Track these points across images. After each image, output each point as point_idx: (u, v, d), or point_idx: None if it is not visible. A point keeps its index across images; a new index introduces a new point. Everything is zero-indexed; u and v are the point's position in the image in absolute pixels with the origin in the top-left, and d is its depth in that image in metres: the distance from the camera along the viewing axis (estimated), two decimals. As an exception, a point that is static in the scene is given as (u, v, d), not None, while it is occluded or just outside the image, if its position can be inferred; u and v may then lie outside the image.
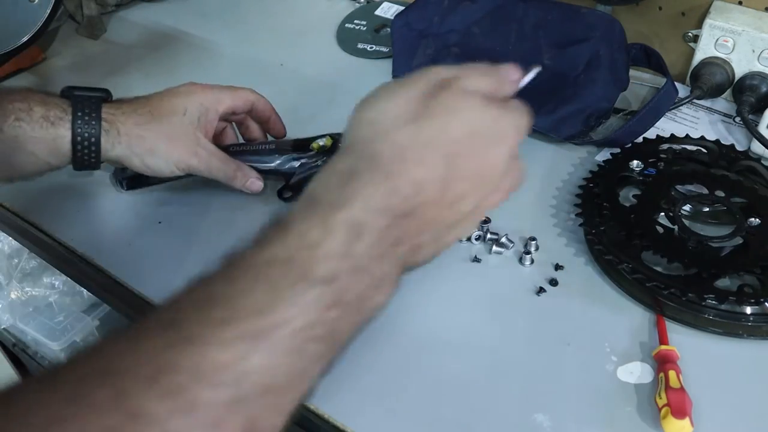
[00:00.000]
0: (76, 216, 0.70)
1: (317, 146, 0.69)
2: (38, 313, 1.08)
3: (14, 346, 1.21)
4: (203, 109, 0.64)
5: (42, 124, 0.60)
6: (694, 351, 0.54)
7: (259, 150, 0.70)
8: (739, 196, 0.63)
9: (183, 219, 0.69)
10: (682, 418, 0.47)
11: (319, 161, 0.69)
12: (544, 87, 0.75)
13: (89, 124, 0.60)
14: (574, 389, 0.52)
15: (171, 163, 0.63)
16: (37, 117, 0.60)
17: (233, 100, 0.67)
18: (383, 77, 0.86)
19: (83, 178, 0.74)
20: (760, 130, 0.71)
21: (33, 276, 1.06)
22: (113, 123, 0.61)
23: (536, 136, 0.76)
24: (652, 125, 0.73)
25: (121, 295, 0.63)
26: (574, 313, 0.58)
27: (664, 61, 0.75)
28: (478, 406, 0.51)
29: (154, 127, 0.62)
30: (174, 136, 0.63)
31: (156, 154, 0.62)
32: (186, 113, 0.63)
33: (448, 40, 0.83)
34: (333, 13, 1.00)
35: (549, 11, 0.78)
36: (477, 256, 0.63)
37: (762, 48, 0.74)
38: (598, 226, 0.61)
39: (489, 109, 0.39)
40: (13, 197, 0.72)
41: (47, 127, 0.60)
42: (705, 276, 0.56)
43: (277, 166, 0.69)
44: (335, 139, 0.69)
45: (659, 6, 0.82)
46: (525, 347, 0.55)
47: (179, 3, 1.06)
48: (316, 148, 0.69)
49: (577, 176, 0.70)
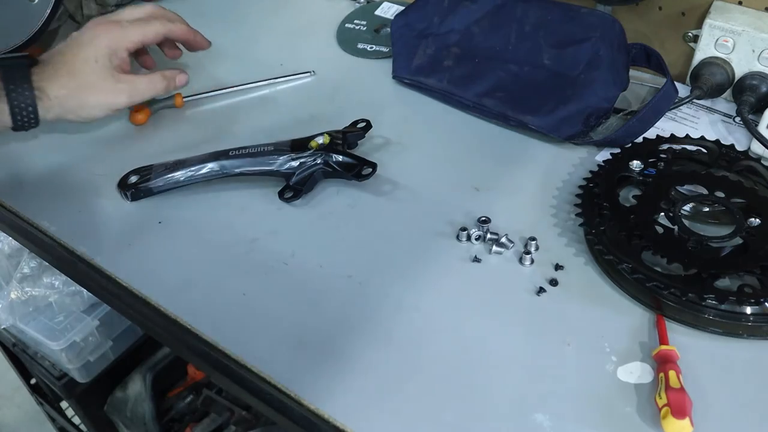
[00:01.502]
0: (76, 216, 0.70)
1: (315, 144, 0.69)
2: (38, 313, 1.08)
3: (14, 346, 1.21)
4: (111, 51, 0.70)
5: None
6: (694, 351, 0.54)
7: (257, 153, 0.70)
8: (739, 196, 0.63)
9: (183, 219, 0.69)
10: (682, 418, 0.47)
11: (318, 159, 0.69)
12: (544, 87, 0.76)
13: (23, 95, 0.65)
14: (574, 389, 0.52)
15: (104, 108, 0.70)
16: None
17: (142, 36, 0.72)
18: (383, 77, 0.87)
19: (84, 178, 0.74)
20: (760, 130, 0.71)
21: (33, 276, 1.06)
22: (43, 90, 0.67)
23: (536, 136, 0.76)
24: (652, 125, 0.74)
25: (121, 295, 0.63)
26: (574, 313, 0.58)
27: (664, 61, 0.75)
28: (478, 406, 0.51)
29: (77, 84, 0.68)
30: (95, 84, 0.69)
31: (87, 106, 0.69)
32: (97, 60, 0.69)
33: (448, 40, 0.83)
34: (333, 13, 1.00)
35: (549, 11, 0.78)
36: (477, 256, 0.63)
37: (762, 48, 0.74)
38: (598, 226, 0.61)
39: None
40: (13, 197, 0.72)
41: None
42: (705, 276, 0.56)
43: (276, 167, 0.69)
44: (332, 137, 0.70)
45: (659, 6, 0.82)
46: (525, 347, 0.55)
47: (179, 3, 1.06)
48: (314, 147, 0.69)
49: (577, 176, 0.70)
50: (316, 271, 0.62)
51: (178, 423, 1.27)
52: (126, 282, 0.63)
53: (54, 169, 0.76)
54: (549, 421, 0.50)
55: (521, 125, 0.76)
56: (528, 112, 0.75)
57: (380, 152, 0.75)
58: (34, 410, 1.53)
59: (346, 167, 0.68)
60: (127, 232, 0.68)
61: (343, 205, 0.69)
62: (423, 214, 0.67)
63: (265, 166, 0.69)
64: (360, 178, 0.67)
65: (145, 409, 1.20)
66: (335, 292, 0.60)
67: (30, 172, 0.76)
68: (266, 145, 0.71)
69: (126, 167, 0.72)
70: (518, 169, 0.56)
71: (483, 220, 0.65)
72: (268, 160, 0.69)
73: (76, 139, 0.79)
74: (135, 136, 0.80)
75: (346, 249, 0.64)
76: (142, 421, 1.21)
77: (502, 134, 0.78)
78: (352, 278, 0.61)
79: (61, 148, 0.78)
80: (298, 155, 0.69)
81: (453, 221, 0.66)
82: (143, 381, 1.20)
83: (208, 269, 0.63)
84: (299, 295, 0.60)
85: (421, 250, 0.64)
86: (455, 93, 0.80)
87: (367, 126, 0.74)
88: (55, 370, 1.16)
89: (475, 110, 0.79)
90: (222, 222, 0.68)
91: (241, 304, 0.60)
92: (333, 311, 0.59)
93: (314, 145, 0.69)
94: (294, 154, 0.69)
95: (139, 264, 0.64)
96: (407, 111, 0.81)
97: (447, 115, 0.81)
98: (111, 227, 0.69)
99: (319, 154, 0.69)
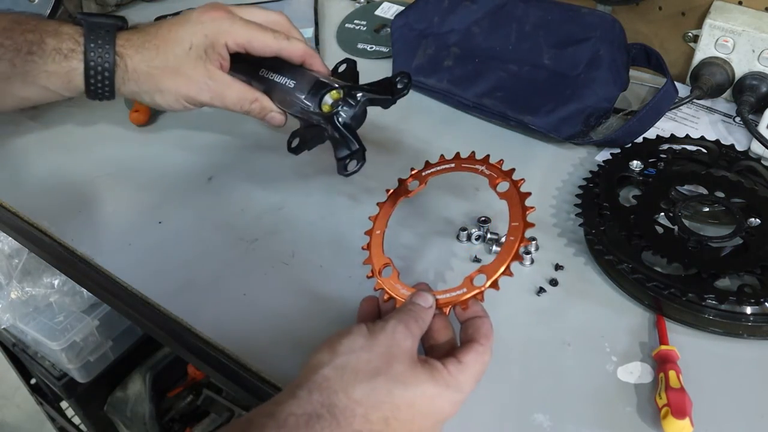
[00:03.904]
0: (76, 216, 0.70)
1: (327, 108, 0.62)
2: (38, 313, 1.08)
3: (14, 346, 1.21)
4: (209, 42, 0.60)
5: (54, 57, 0.58)
6: (694, 351, 0.54)
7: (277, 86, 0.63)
8: (739, 196, 0.63)
9: (183, 219, 0.69)
10: (682, 418, 0.47)
11: (322, 122, 0.63)
12: (544, 87, 0.76)
13: (102, 56, 0.58)
14: (574, 389, 0.52)
15: (180, 99, 0.61)
16: (50, 50, 0.57)
17: (247, 40, 0.61)
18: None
19: (84, 178, 0.74)
20: (760, 130, 0.71)
21: (33, 276, 1.06)
22: (123, 57, 0.59)
23: (536, 136, 0.76)
24: (652, 125, 0.73)
25: (121, 295, 0.63)
26: (574, 313, 0.58)
27: (664, 61, 0.75)
28: (478, 406, 0.51)
29: (161, 63, 0.59)
30: (181, 71, 0.60)
31: (164, 92, 0.60)
32: (192, 47, 0.60)
33: (448, 40, 0.83)
34: (333, 13, 1.00)
35: (549, 11, 0.78)
36: (477, 256, 0.63)
37: (762, 48, 0.74)
38: (598, 226, 0.61)
39: (431, 385, 0.45)
40: (13, 197, 0.72)
41: (60, 61, 0.58)
42: (705, 276, 0.56)
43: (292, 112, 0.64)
44: (345, 92, 0.62)
45: (659, 6, 0.82)
46: (525, 347, 0.55)
47: (178, 2, 1.06)
48: (325, 110, 0.62)
49: (577, 176, 0.70)
50: (316, 271, 0.62)
51: (178, 423, 1.27)
52: (126, 282, 0.63)
53: (54, 169, 0.76)
54: (549, 421, 0.50)
55: (521, 125, 0.76)
56: (528, 112, 0.75)
57: (380, 152, 0.75)
58: (34, 410, 1.53)
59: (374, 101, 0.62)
60: (127, 232, 0.68)
61: (343, 205, 0.69)
62: (423, 213, 0.67)
63: None
64: (397, 93, 0.61)
65: (145, 409, 1.20)
66: (335, 292, 0.60)
67: (30, 172, 0.76)
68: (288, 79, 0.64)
69: (126, 167, 0.72)
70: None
71: (483, 220, 0.65)
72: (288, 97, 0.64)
73: (76, 138, 0.79)
74: (135, 136, 0.80)
75: (346, 249, 0.64)
76: (142, 421, 1.21)
77: (502, 134, 0.78)
78: (352, 278, 0.61)
79: (61, 148, 0.78)
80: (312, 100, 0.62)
81: (453, 221, 0.66)
82: (143, 381, 1.20)
83: (208, 269, 0.63)
84: (299, 295, 0.60)
85: (421, 250, 0.64)
86: (455, 93, 0.80)
87: None
88: (55, 370, 1.16)
89: (475, 110, 0.79)
90: (222, 222, 0.68)
91: (241, 304, 0.60)
92: (333, 311, 0.59)
93: (326, 109, 0.62)
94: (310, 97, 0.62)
95: (139, 264, 0.64)
96: (407, 111, 0.81)
97: (447, 115, 0.81)
98: (111, 227, 0.69)
99: (327, 118, 0.62)
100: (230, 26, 0.61)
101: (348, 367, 0.45)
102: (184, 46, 0.59)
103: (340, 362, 0.45)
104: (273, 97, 0.64)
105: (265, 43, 0.62)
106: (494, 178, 0.56)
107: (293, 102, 0.63)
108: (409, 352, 0.46)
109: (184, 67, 0.60)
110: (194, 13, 0.61)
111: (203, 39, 0.60)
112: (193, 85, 0.60)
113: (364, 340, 0.46)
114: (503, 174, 0.56)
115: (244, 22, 0.61)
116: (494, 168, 0.57)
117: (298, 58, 0.64)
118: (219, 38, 0.60)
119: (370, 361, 0.45)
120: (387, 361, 0.45)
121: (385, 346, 0.46)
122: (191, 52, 0.59)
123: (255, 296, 0.61)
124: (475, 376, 0.47)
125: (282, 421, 0.42)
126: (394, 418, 0.44)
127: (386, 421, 0.44)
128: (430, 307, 0.50)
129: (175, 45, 0.59)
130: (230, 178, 0.73)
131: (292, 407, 0.43)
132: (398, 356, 0.45)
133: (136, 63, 0.59)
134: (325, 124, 0.62)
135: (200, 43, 0.60)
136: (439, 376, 0.46)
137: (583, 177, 0.68)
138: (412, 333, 0.47)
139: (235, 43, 0.61)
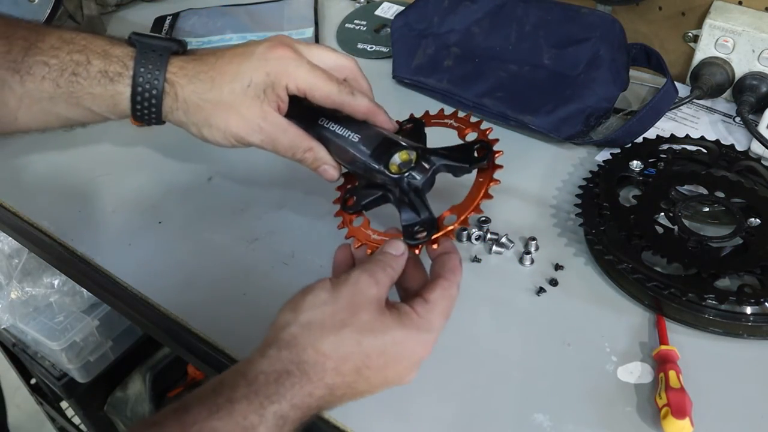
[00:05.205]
0: (76, 216, 0.70)
1: (395, 168, 0.55)
2: (38, 313, 1.08)
3: (14, 346, 1.21)
4: (269, 82, 0.55)
5: (100, 80, 0.55)
6: (694, 351, 0.54)
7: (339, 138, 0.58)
8: (739, 196, 0.63)
9: (183, 219, 0.69)
10: (682, 418, 0.47)
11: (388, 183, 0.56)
12: (544, 87, 0.76)
13: (151, 82, 0.55)
14: (574, 389, 0.52)
15: (229, 137, 0.57)
16: (95, 72, 0.55)
17: (309, 87, 0.56)
18: (383, 77, 0.86)
19: (84, 178, 0.74)
20: (760, 130, 0.71)
21: (33, 276, 1.06)
22: (174, 85, 0.56)
23: (536, 136, 0.76)
24: (652, 125, 0.73)
25: (121, 295, 0.63)
26: (574, 313, 0.58)
27: (664, 61, 0.75)
28: (478, 406, 0.51)
29: (214, 97, 0.55)
30: (234, 108, 0.55)
31: (213, 127, 0.56)
32: (250, 84, 0.55)
33: (448, 40, 0.83)
34: (333, 13, 1.00)
35: (549, 11, 0.78)
36: (477, 256, 0.63)
37: (762, 48, 0.74)
38: (598, 226, 0.61)
39: (399, 330, 0.45)
40: (13, 197, 0.72)
41: (105, 84, 0.55)
42: (705, 276, 0.56)
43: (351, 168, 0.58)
44: (419, 154, 0.55)
45: (659, 6, 0.82)
46: (525, 347, 0.55)
47: (179, 2, 1.06)
48: (393, 171, 0.55)
49: (577, 176, 0.70)
50: (316, 271, 0.62)
51: (179, 423, 1.27)
52: (126, 282, 0.63)
53: (54, 169, 0.76)
54: (549, 421, 0.50)
55: (521, 125, 0.76)
56: (528, 112, 0.75)
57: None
58: (34, 410, 1.53)
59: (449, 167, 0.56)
60: (127, 232, 0.68)
61: (343, 205, 0.69)
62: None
63: None
64: (475, 163, 0.54)
65: (145, 409, 1.20)
66: (335, 292, 0.60)
67: (30, 172, 0.76)
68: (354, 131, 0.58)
69: (126, 167, 0.72)
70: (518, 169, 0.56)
71: (483, 220, 0.65)
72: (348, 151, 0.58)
73: (76, 139, 0.79)
74: (135, 136, 0.80)
75: (346, 249, 0.64)
76: (142, 421, 1.21)
77: (502, 134, 0.77)
78: (352, 278, 0.61)
79: (61, 148, 0.78)
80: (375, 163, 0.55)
81: (453, 221, 0.66)
82: (143, 381, 1.20)
83: (208, 269, 0.63)
84: (299, 295, 0.60)
85: (421, 250, 0.64)
86: (455, 93, 0.80)
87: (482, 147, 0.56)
88: (55, 370, 1.16)
89: (475, 110, 0.79)
90: (222, 222, 0.68)
91: (241, 304, 0.60)
92: (333, 311, 0.59)
93: (394, 170, 0.55)
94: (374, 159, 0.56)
95: (139, 264, 0.64)
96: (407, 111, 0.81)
97: (447, 115, 0.81)
98: (111, 227, 0.69)
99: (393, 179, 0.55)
100: (296, 69, 0.56)
101: (313, 322, 0.45)
102: (243, 82, 0.55)
103: (305, 318, 0.45)
104: (330, 149, 0.59)
105: (328, 94, 0.57)
106: (462, 129, 0.57)
107: (355, 158, 0.57)
108: (375, 300, 0.46)
109: (238, 104, 0.55)
110: (260, 47, 0.56)
111: (264, 77, 0.55)
112: (245, 125, 0.56)
113: (328, 294, 0.46)
114: (471, 125, 0.57)
115: (311, 66, 0.56)
116: (462, 120, 0.58)
117: (360, 116, 0.59)
118: (281, 79, 0.55)
119: (335, 314, 0.45)
120: (352, 312, 0.45)
121: (348, 298, 0.45)
122: (249, 89, 0.55)
123: (255, 296, 0.61)
124: (443, 313, 0.47)
125: (252, 379, 0.42)
126: (366, 367, 0.45)
127: (358, 371, 0.44)
128: (401, 254, 0.50)
129: (234, 80, 0.55)
130: (230, 178, 0.73)
131: (263, 365, 0.43)
132: (363, 305, 0.45)
133: (187, 93, 0.55)
134: (393, 186, 0.56)
135: (260, 82, 0.55)
136: (407, 320, 0.46)
137: (583, 177, 0.68)
138: (378, 281, 0.46)
139: (296, 87, 0.56)
